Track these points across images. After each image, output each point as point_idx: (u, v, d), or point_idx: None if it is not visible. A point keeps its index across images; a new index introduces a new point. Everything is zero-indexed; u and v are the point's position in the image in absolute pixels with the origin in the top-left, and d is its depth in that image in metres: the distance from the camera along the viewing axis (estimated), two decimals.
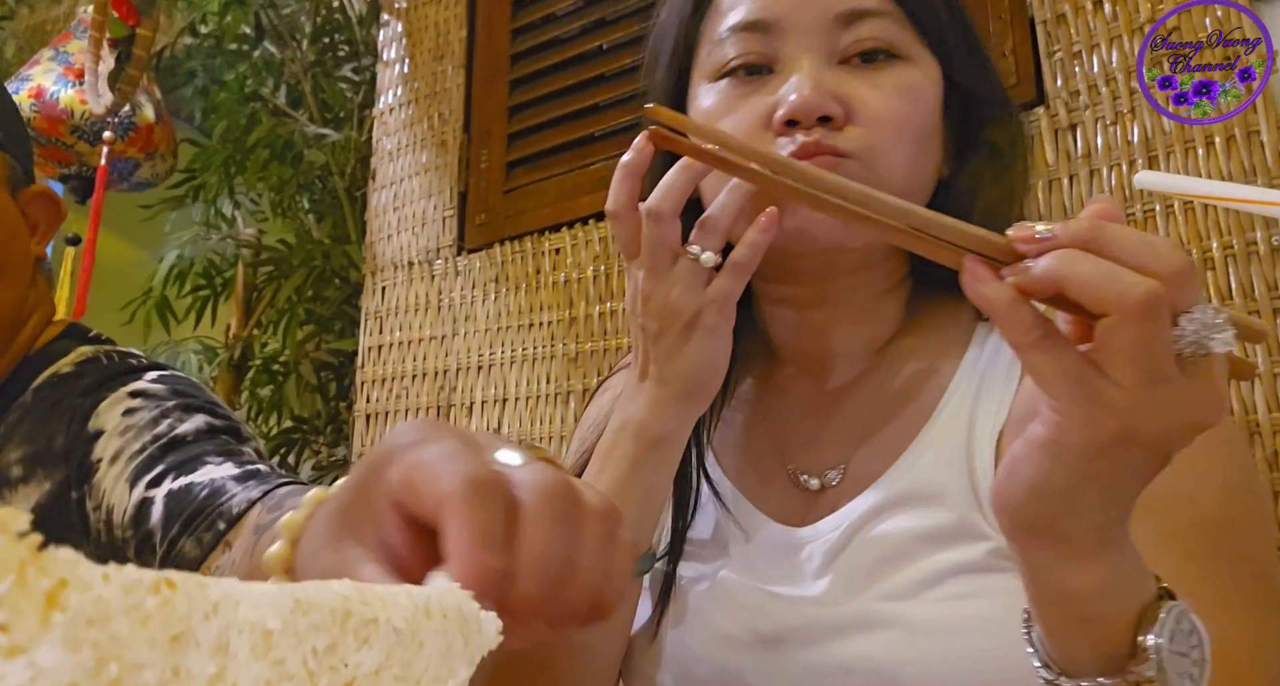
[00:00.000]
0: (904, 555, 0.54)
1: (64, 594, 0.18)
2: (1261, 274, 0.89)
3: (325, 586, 0.23)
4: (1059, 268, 0.34)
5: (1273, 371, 0.87)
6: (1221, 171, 0.93)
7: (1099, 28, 1.03)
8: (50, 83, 1.92)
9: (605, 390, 0.76)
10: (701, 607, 0.60)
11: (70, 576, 0.18)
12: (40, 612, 0.17)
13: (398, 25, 1.71)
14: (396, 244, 1.59)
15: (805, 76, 0.55)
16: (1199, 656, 0.39)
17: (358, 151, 1.94)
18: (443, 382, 1.45)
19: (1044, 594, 0.40)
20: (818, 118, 0.55)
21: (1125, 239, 0.34)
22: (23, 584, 0.17)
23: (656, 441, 0.56)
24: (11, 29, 2.53)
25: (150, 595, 0.19)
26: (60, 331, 0.85)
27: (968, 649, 0.50)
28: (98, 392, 0.75)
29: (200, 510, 0.64)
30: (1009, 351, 0.58)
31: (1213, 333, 0.34)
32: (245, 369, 2.24)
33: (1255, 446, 0.86)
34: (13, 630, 0.17)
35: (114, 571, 0.19)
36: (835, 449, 0.62)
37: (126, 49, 1.48)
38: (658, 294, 0.54)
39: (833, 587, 0.56)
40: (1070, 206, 1.01)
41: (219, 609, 0.20)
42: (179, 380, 0.78)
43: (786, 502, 0.62)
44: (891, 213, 0.39)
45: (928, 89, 0.58)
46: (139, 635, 0.18)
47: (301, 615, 0.21)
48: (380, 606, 0.23)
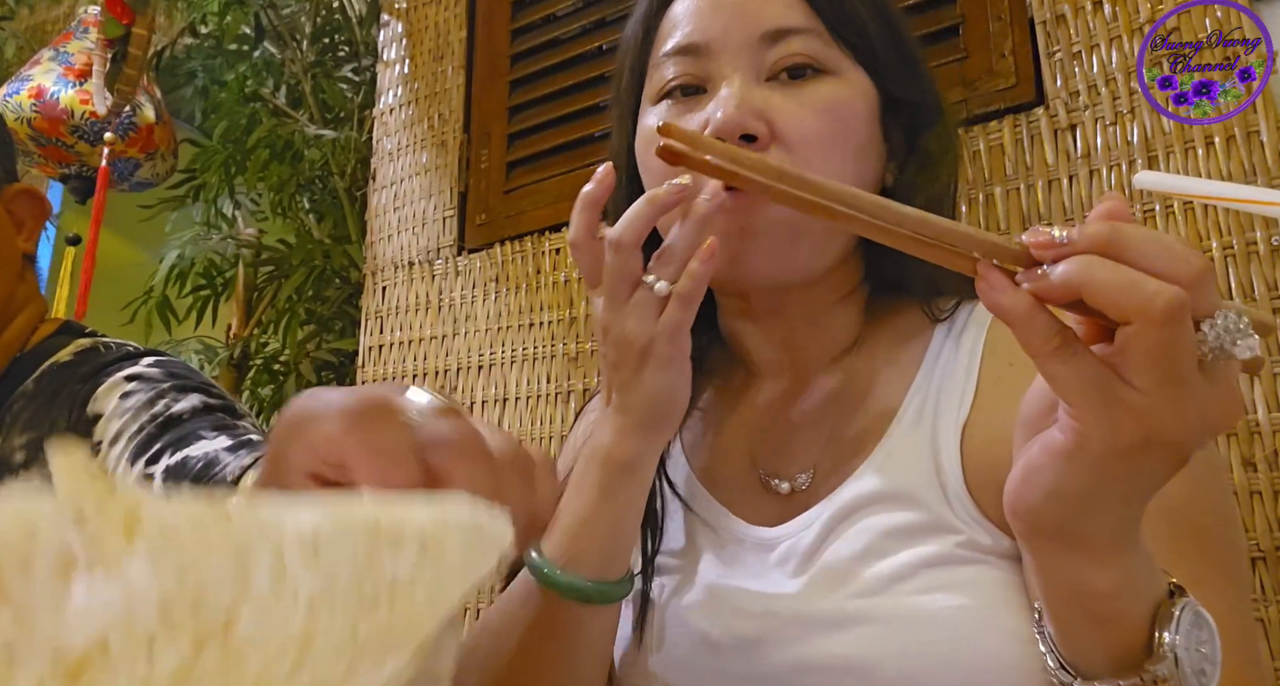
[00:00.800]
0: (876, 552, 0.55)
1: (141, 516, 0.20)
2: (1261, 274, 0.89)
3: (353, 501, 0.25)
4: (1078, 274, 0.34)
5: (1273, 371, 0.87)
6: (1221, 171, 0.93)
7: (1099, 28, 1.03)
8: (50, 83, 1.92)
9: (586, 413, 0.78)
10: (681, 614, 0.61)
11: (143, 502, 0.20)
12: (124, 532, 0.20)
13: (398, 25, 1.71)
14: (397, 244, 1.59)
15: (731, 95, 0.57)
16: (1210, 651, 0.39)
17: (358, 151, 1.94)
18: (443, 382, 1.45)
19: (1060, 594, 0.41)
20: (740, 135, 0.56)
21: (1145, 243, 0.34)
22: (103, 509, 0.20)
23: (623, 468, 0.56)
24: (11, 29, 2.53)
25: (213, 521, 0.21)
26: (56, 328, 0.86)
27: (944, 639, 0.51)
28: (96, 378, 0.77)
29: (196, 480, 0.66)
30: (967, 349, 0.59)
31: (1236, 338, 0.34)
32: (246, 368, 2.24)
33: (1255, 446, 0.86)
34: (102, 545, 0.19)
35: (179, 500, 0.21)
36: (804, 453, 0.63)
37: (122, 48, 1.48)
38: (615, 324, 0.54)
39: (808, 587, 0.57)
40: (1070, 206, 1.01)
41: (270, 528, 0.22)
42: (174, 364, 0.80)
43: (759, 506, 0.63)
44: (907, 222, 0.38)
45: (856, 103, 0.59)
46: (208, 553, 0.21)
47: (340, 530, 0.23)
48: (403, 517, 0.25)
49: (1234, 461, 0.87)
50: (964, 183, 1.08)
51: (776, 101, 0.57)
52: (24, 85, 1.92)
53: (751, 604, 0.58)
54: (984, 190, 1.07)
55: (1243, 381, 0.88)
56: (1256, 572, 0.84)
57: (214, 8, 2.11)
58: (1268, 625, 0.82)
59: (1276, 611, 0.82)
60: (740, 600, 0.59)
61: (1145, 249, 0.34)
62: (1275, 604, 0.82)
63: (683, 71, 0.60)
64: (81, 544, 0.19)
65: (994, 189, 1.06)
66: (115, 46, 1.48)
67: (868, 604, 0.53)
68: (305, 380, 1.95)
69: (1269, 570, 0.83)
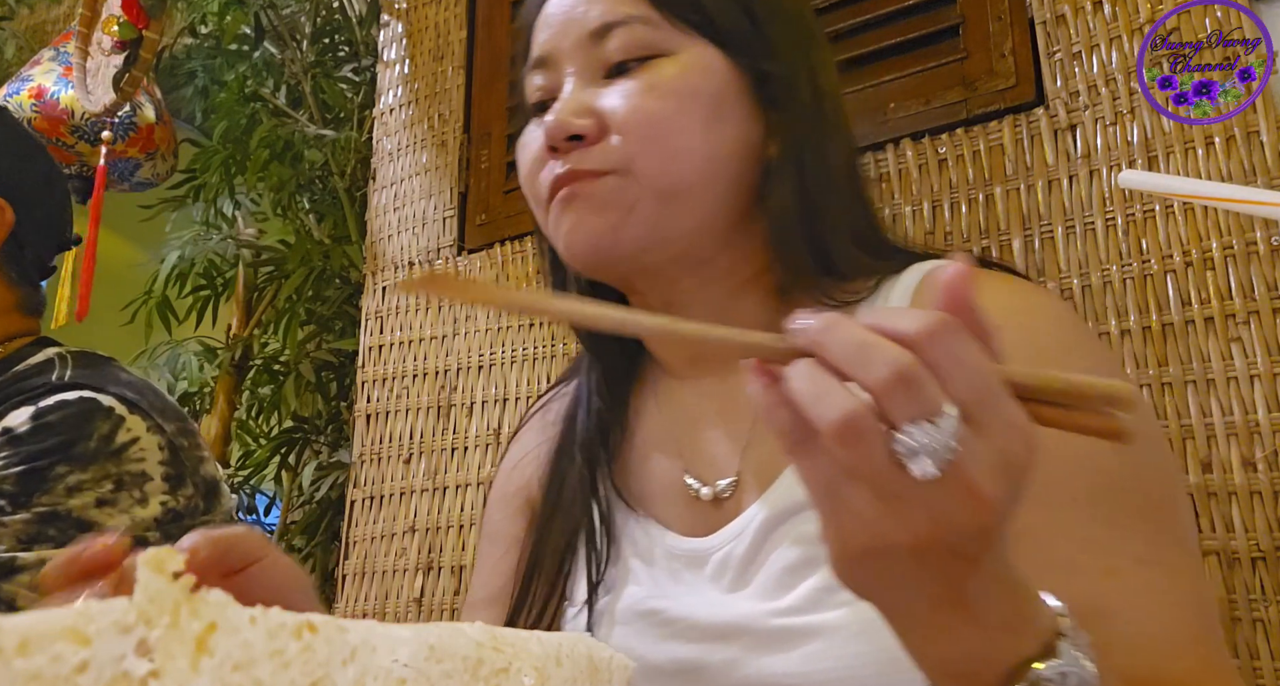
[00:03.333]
0: (812, 561, 0.52)
1: (213, 638, 0.18)
2: (1261, 274, 0.89)
3: (460, 632, 0.23)
4: (787, 382, 0.32)
5: (1272, 371, 0.87)
6: (1222, 172, 0.93)
7: (1099, 28, 1.03)
8: (50, 83, 1.92)
9: (517, 442, 0.75)
10: (618, 641, 0.59)
11: (220, 619, 0.19)
12: (191, 657, 0.18)
13: (398, 26, 1.71)
14: (397, 244, 1.59)
15: (557, 102, 0.58)
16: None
17: (358, 151, 1.94)
18: (443, 382, 1.45)
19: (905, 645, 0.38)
20: (567, 138, 0.56)
21: (842, 345, 0.31)
22: (175, 626, 0.18)
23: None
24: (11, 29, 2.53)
25: (293, 639, 0.20)
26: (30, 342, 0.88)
27: (888, 648, 0.49)
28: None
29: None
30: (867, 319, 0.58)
31: (926, 451, 0.30)
32: (246, 369, 2.24)
33: (1255, 446, 0.86)
34: (164, 676, 0.18)
35: (260, 614, 0.19)
36: (727, 456, 0.61)
37: (134, 51, 1.48)
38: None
39: (745, 604, 0.54)
40: (1070, 207, 1.01)
41: (356, 654, 0.20)
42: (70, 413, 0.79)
43: (689, 515, 0.61)
44: (656, 327, 0.37)
45: (691, 77, 0.57)
46: (280, 679, 0.19)
47: (435, 663, 0.22)
48: (512, 654, 0.23)
49: (1234, 461, 0.87)
50: (964, 183, 1.08)
51: (608, 95, 0.57)
52: (24, 85, 1.92)
53: (689, 627, 0.56)
54: (984, 190, 1.07)
55: (1243, 381, 0.88)
56: (1257, 572, 0.84)
57: (214, 8, 2.10)
58: (1268, 625, 0.82)
59: (1276, 611, 0.82)
60: (676, 623, 0.57)
61: (840, 353, 0.31)
62: (1275, 604, 0.82)
63: (538, 86, 0.61)
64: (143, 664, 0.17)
65: (994, 189, 1.06)
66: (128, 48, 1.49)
67: (807, 620, 0.51)
68: (305, 380, 1.95)
69: (1269, 570, 0.83)
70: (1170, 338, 0.92)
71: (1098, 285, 0.98)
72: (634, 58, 0.58)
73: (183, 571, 0.18)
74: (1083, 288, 0.98)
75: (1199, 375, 0.90)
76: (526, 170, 0.60)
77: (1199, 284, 0.92)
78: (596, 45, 0.58)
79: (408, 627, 0.22)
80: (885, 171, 1.14)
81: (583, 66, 0.59)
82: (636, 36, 0.57)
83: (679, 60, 0.58)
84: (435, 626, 0.22)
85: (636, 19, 0.58)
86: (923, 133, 1.12)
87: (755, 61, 0.59)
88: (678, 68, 0.57)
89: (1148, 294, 0.95)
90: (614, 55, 0.58)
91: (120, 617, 0.17)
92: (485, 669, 0.22)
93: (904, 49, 1.16)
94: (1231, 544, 0.85)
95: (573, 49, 0.59)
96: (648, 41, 0.58)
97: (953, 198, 1.09)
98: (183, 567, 0.18)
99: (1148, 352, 0.93)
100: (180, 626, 0.18)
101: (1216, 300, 0.91)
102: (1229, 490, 0.86)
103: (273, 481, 2.06)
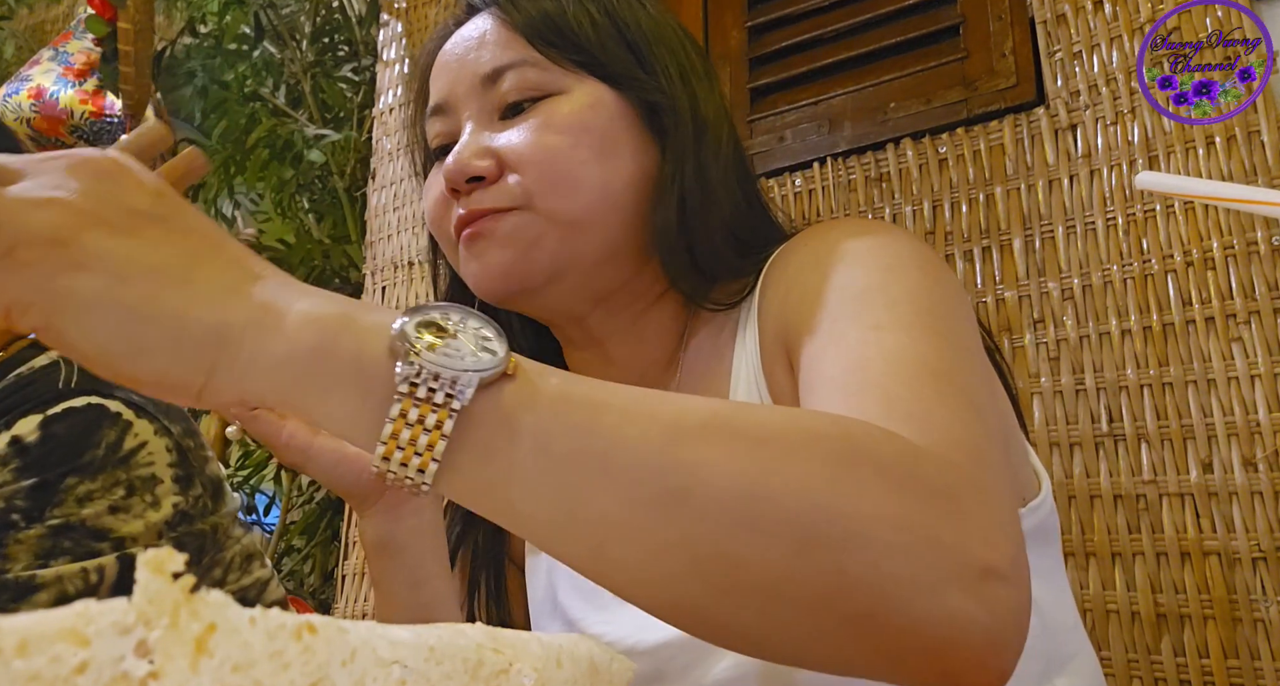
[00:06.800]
0: None
1: (212, 639, 0.18)
2: (1262, 274, 0.89)
3: (460, 632, 0.23)
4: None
5: (1273, 371, 0.87)
6: (1222, 171, 0.93)
7: (1099, 28, 1.03)
8: (50, 83, 1.92)
9: None
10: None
11: (219, 620, 0.18)
12: (190, 657, 0.18)
13: (397, 25, 1.71)
14: (396, 244, 1.59)
15: (455, 147, 0.59)
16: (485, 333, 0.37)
17: (358, 151, 1.94)
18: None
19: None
20: (467, 180, 0.58)
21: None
22: (175, 627, 0.18)
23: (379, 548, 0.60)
24: (11, 29, 2.53)
25: (292, 640, 0.19)
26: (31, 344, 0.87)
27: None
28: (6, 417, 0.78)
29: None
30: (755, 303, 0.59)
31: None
32: None
33: (1255, 446, 0.86)
34: (164, 677, 0.17)
35: (260, 615, 0.19)
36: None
37: (111, 46, 1.47)
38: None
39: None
40: (1071, 206, 1.01)
41: (356, 655, 0.20)
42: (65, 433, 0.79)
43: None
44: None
45: (583, 113, 0.59)
46: (280, 680, 0.19)
47: (435, 664, 0.21)
48: (513, 655, 0.23)
49: (1235, 461, 0.87)
50: (964, 182, 1.08)
51: (505, 135, 0.59)
52: (24, 85, 1.92)
53: (628, 651, 0.56)
54: (984, 190, 1.07)
55: (1244, 381, 0.88)
56: (1258, 572, 0.84)
57: (214, 7, 2.10)
58: (1268, 625, 0.82)
59: (1277, 611, 0.82)
60: (617, 645, 0.56)
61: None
62: (1276, 604, 0.82)
63: (436, 133, 0.63)
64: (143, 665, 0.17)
65: (994, 189, 1.06)
66: (105, 44, 1.48)
67: None
68: None
69: (1269, 570, 0.83)
70: (1171, 337, 0.92)
71: (1098, 285, 0.97)
72: (527, 98, 0.60)
73: (182, 572, 0.18)
74: (1083, 287, 0.98)
75: (1199, 375, 0.90)
76: (432, 214, 0.63)
77: (1199, 284, 0.92)
78: (490, 89, 0.60)
79: (408, 628, 0.22)
80: (885, 171, 1.14)
81: (478, 110, 0.61)
82: (528, 78, 0.60)
83: (571, 98, 0.60)
84: (435, 627, 0.22)
85: (526, 62, 0.60)
86: (923, 132, 1.12)
87: (642, 94, 0.62)
88: (570, 105, 0.60)
89: (1148, 293, 0.95)
90: (508, 96, 0.60)
91: (119, 618, 0.17)
92: (485, 670, 0.22)
93: (904, 49, 1.16)
94: (1232, 544, 0.85)
95: (467, 94, 0.61)
96: (539, 82, 0.60)
97: (953, 197, 1.08)
98: (182, 568, 0.18)
99: (1148, 352, 0.93)
100: (180, 627, 0.18)
101: (1217, 300, 0.91)
102: (1230, 490, 0.86)
103: (272, 481, 2.06)
